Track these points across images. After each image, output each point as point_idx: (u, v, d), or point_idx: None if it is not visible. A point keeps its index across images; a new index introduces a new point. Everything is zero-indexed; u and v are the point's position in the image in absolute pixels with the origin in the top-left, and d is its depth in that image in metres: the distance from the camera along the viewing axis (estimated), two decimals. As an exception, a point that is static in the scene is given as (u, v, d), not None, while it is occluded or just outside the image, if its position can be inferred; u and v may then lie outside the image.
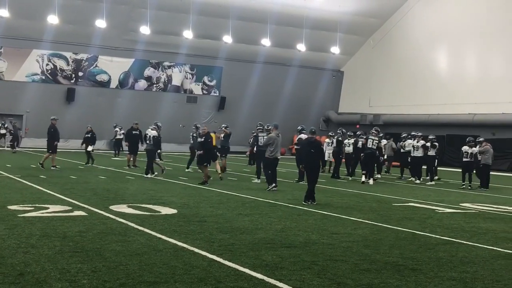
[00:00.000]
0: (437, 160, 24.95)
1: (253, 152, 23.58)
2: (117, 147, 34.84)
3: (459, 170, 22.83)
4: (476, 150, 21.62)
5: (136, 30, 40.76)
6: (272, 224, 10.69)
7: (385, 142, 26.73)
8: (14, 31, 38.95)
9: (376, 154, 22.52)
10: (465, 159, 21.69)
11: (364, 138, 23.17)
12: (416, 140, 23.86)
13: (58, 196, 13.86)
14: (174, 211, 11.88)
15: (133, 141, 25.38)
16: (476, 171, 21.91)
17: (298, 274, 7.00)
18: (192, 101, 45.95)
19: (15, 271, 6.65)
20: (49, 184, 16.51)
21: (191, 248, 8.22)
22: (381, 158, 24.80)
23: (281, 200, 14.69)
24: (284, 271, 7.11)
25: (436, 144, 23.70)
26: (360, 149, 23.08)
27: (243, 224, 10.55)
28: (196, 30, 41.12)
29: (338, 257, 8.01)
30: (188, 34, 41.04)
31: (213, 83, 46.66)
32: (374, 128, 23.23)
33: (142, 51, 43.09)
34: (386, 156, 26.81)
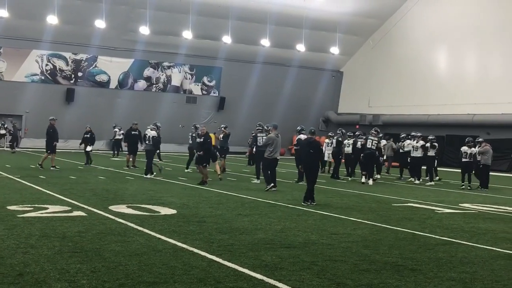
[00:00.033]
0: (437, 161, 24.95)
1: (253, 153, 23.57)
2: (116, 148, 34.83)
3: (459, 171, 22.83)
4: (475, 151, 21.63)
5: (136, 31, 40.75)
6: (272, 225, 10.69)
7: (385, 143, 26.72)
8: (14, 31, 38.93)
9: (376, 155, 22.52)
10: (464, 160, 21.69)
11: (364, 139, 23.19)
12: (416, 141, 23.85)
13: (58, 197, 13.86)
14: (174, 212, 11.88)
15: (133, 142, 25.36)
16: (475, 172, 21.91)
17: (298, 275, 7.00)
18: (192, 102, 45.95)
19: (14, 271, 6.65)
20: (49, 185, 16.50)
21: (191, 249, 8.22)
22: (381, 159, 24.79)
23: (281, 201, 14.68)
24: (284, 272, 7.11)
25: (436, 145, 23.70)
26: (360, 150, 23.10)
27: (243, 225, 10.55)
28: (196, 31, 41.12)
29: (338, 258, 8.02)
30: (188, 35, 41.03)
31: (213, 84, 46.65)
32: (374, 129, 23.24)
33: (142, 52, 43.07)
34: (386, 157, 26.81)
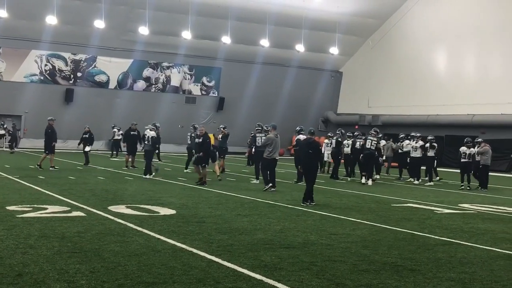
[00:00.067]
0: (436, 161, 24.94)
1: (252, 153, 23.57)
2: (116, 148, 34.82)
3: (458, 171, 22.84)
4: (474, 151, 21.64)
5: (135, 31, 40.75)
6: (271, 225, 10.69)
7: (384, 143, 26.72)
8: (13, 32, 38.94)
9: (375, 155, 22.53)
10: (463, 160, 21.71)
11: (363, 139, 23.19)
12: (415, 141, 23.85)
13: (57, 197, 13.85)
14: (173, 212, 11.87)
15: (132, 142, 25.36)
16: (474, 172, 21.92)
17: (297, 275, 7.00)
18: (191, 102, 45.96)
19: (14, 272, 6.64)
20: (48, 185, 16.49)
21: (190, 249, 8.22)
22: (381, 159, 24.80)
23: (280, 201, 14.68)
24: (283, 272, 7.11)
25: (435, 145, 23.71)
26: (359, 150, 23.11)
27: (242, 225, 10.55)
28: (195, 31, 41.13)
29: (337, 258, 8.01)
30: (187, 35, 41.05)
31: (212, 84, 46.66)
32: (373, 129, 23.25)
33: (141, 52, 43.08)
34: (385, 157, 26.81)
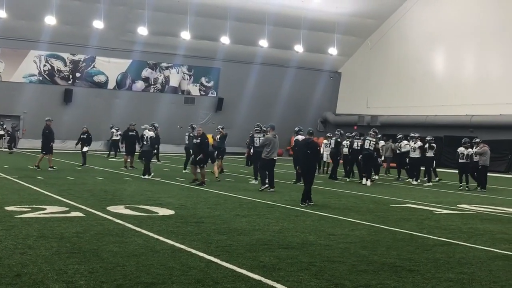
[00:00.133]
0: (435, 161, 24.94)
1: (250, 153, 23.57)
2: (114, 148, 34.82)
3: (457, 171, 22.84)
4: (472, 151, 21.65)
5: (134, 31, 40.74)
6: (270, 225, 10.69)
7: (383, 143, 26.73)
8: (12, 32, 38.91)
9: (374, 156, 22.54)
10: (461, 160, 21.73)
11: (362, 139, 23.21)
12: (414, 141, 23.86)
13: (55, 197, 13.84)
14: (172, 212, 11.87)
15: (130, 142, 25.33)
16: (472, 173, 21.93)
17: (296, 275, 7.00)
18: (190, 102, 45.96)
19: (12, 272, 6.64)
20: (46, 185, 16.48)
21: (189, 249, 8.21)
22: (380, 160, 24.80)
23: (279, 201, 14.68)
24: (282, 272, 7.11)
25: (434, 145, 23.72)
26: (357, 150, 23.12)
27: (241, 225, 10.55)
28: (194, 31, 41.12)
29: (336, 258, 8.01)
30: (186, 35, 41.04)
31: (211, 84, 46.66)
32: (372, 130, 23.26)
33: (140, 52, 43.06)
34: (385, 158, 26.83)
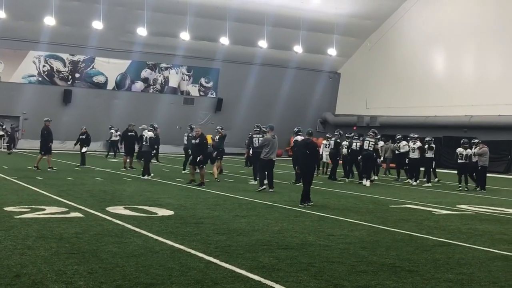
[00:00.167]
0: (435, 162, 24.94)
1: (250, 154, 23.56)
2: (113, 149, 34.84)
3: (456, 172, 22.85)
4: (471, 152, 21.66)
5: (133, 32, 40.73)
6: (269, 226, 10.69)
7: (382, 144, 26.74)
8: (11, 32, 38.90)
9: (373, 156, 22.55)
10: (460, 161, 21.75)
11: (361, 140, 23.22)
12: (413, 142, 23.86)
13: (55, 198, 13.84)
14: (171, 213, 11.87)
15: (129, 143, 25.32)
16: (471, 173, 21.94)
17: (295, 276, 7.00)
18: (189, 103, 45.96)
19: (11, 273, 6.64)
20: (46, 186, 16.48)
21: (188, 250, 8.21)
22: (379, 160, 24.82)
23: (278, 202, 14.69)
24: (281, 273, 7.11)
25: (433, 146, 23.72)
26: (355, 151, 23.12)
27: (240, 226, 10.55)
28: (193, 32, 41.12)
29: (335, 259, 8.01)
30: (185, 36, 41.05)
31: (210, 85, 46.66)
32: (372, 130, 23.28)
33: (139, 53, 43.05)
34: (383, 158, 26.83)
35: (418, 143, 23.55)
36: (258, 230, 10.15)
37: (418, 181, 23.38)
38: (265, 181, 17.82)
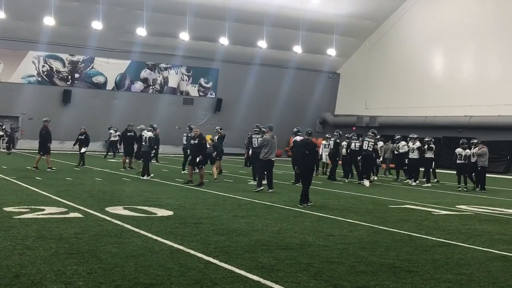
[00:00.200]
0: (434, 162, 24.95)
1: (249, 154, 23.56)
2: (112, 149, 34.84)
3: (455, 172, 22.86)
4: (470, 153, 21.66)
5: (133, 32, 40.72)
6: (268, 226, 10.69)
7: (381, 144, 26.75)
8: (10, 33, 38.88)
9: (373, 156, 22.57)
10: (459, 161, 21.76)
11: (360, 140, 23.23)
12: (412, 142, 23.86)
13: (54, 198, 13.84)
14: (170, 213, 11.87)
15: (129, 143, 25.31)
16: (470, 174, 21.94)
17: (294, 276, 7.00)
18: (189, 103, 45.95)
19: (11, 273, 6.64)
20: (45, 186, 16.47)
21: (187, 250, 8.21)
22: (378, 161, 24.82)
23: (277, 202, 14.69)
24: (280, 273, 7.11)
25: (433, 147, 23.71)
26: (355, 151, 23.12)
27: (239, 226, 10.55)
28: (193, 32, 41.11)
29: (334, 259, 8.02)
30: (185, 36, 41.04)
31: (210, 85, 46.65)
32: (371, 131, 23.29)
33: (139, 53, 43.04)
34: (382, 159, 26.84)
35: (418, 144, 23.57)
36: (258, 231, 10.15)
37: (418, 182, 23.39)
38: (264, 182, 17.83)
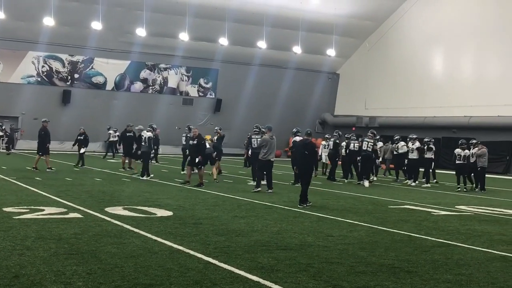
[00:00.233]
0: (434, 163, 24.93)
1: (249, 155, 23.57)
2: (111, 149, 34.84)
3: (454, 173, 22.87)
4: (469, 153, 21.66)
5: (132, 32, 40.71)
6: (268, 227, 10.69)
7: (381, 145, 26.74)
8: (10, 33, 38.87)
9: (372, 157, 22.57)
10: (458, 162, 21.76)
11: (360, 141, 23.24)
12: (412, 143, 23.86)
13: (54, 198, 13.83)
14: (170, 213, 11.87)
15: (128, 143, 25.30)
16: (469, 174, 21.94)
17: (294, 277, 7.00)
18: (188, 103, 45.94)
19: (10, 273, 6.64)
20: (45, 186, 16.47)
21: (187, 251, 8.22)
22: (377, 161, 24.82)
23: (277, 203, 14.69)
24: (280, 274, 7.11)
25: (432, 147, 23.68)
26: (354, 151, 23.12)
27: (239, 227, 10.55)
28: (192, 32, 41.10)
29: (334, 260, 8.02)
30: (184, 36, 41.03)
31: (209, 85, 46.64)
32: (370, 131, 23.30)
33: (138, 53, 43.03)
34: (381, 159, 26.83)
35: (417, 144, 23.56)
36: (257, 231, 10.15)
37: (417, 182, 23.39)
38: (263, 182, 17.83)
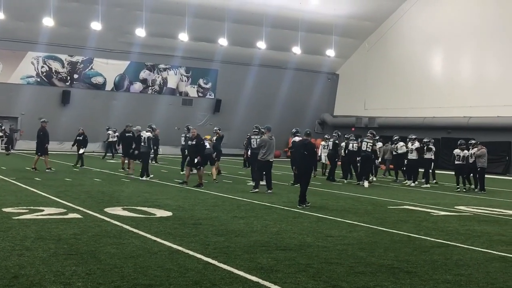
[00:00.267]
0: (433, 163, 24.92)
1: (248, 155, 23.56)
2: (110, 150, 34.82)
3: (454, 173, 22.87)
4: (468, 153, 21.66)
5: (132, 33, 40.68)
6: (267, 227, 10.69)
7: (380, 145, 26.75)
8: (9, 33, 38.84)
9: (371, 157, 22.57)
10: (457, 162, 21.76)
11: (359, 141, 23.24)
12: (411, 143, 23.86)
13: (53, 199, 13.83)
14: (169, 214, 11.87)
15: (127, 144, 25.28)
16: (468, 175, 21.94)
17: (293, 277, 7.01)
18: (188, 104, 45.93)
19: (10, 274, 6.63)
20: (44, 187, 16.47)
21: (186, 251, 8.22)
22: (377, 162, 24.83)
23: (277, 203, 14.69)
24: (279, 274, 7.12)
25: (432, 147, 23.68)
26: (354, 152, 23.12)
27: (238, 227, 10.55)
28: (192, 33, 41.09)
29: (333, 260, 8.02)
30: (184, 37, 41.01)
31: (209, 86, 46.63)
32: (370, 131, 23.30)
33: (138, 54, 43.00)
34: (381, 159, 26.84)
35: (416, 144, 23.56)
36: (257, 231, 10.15)
37: (417, 182, 23.39)
38: (263, 183, 17.82)
